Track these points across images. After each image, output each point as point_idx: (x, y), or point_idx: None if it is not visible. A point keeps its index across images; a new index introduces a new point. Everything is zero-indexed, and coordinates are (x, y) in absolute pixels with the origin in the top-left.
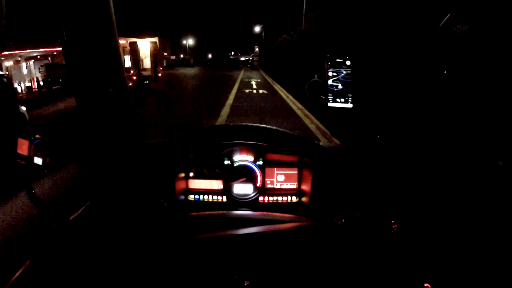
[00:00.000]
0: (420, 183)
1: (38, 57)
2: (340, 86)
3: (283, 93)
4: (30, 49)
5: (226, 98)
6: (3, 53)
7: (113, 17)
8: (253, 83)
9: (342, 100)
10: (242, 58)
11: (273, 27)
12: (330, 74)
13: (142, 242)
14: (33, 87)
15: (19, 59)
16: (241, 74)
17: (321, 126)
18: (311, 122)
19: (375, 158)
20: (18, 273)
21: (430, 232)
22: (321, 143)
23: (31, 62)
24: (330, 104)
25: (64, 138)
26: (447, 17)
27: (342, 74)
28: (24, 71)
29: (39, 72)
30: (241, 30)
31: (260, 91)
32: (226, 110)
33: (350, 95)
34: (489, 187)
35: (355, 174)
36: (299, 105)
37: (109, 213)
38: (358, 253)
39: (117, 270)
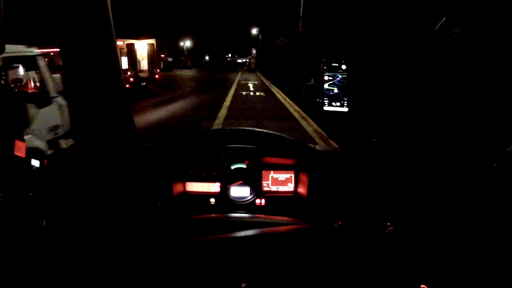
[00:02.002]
0: (416, 185)
1: None
2: (336, 90)
3: (280, 95)
4: None
5: (224, 100)
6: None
7: (111, 20)
8: (250, 85)
9: (338, 104)
10: (239, 60)
11: (271, 29)
12: (326, 78)
13: (140, 244)
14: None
15: None
16: (238, 76)
17: (318, 128)
18: (308, 125)
19: (371, 161)
20: (16, 276)
21: (426, 234)
22: (317, 146)
23: None
24: (326, 108)
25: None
26: (442, 20)
27: (338, 78)
28: (21, 72)
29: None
30: (239, 32)
31: (257, 93)
32: (223, 112)
33: (346, 99)
34: (485, 189)
35: (351, 177)
36: (296, 107)
37: (107, 216)
38: (354, 255)
39: (115, 273)
